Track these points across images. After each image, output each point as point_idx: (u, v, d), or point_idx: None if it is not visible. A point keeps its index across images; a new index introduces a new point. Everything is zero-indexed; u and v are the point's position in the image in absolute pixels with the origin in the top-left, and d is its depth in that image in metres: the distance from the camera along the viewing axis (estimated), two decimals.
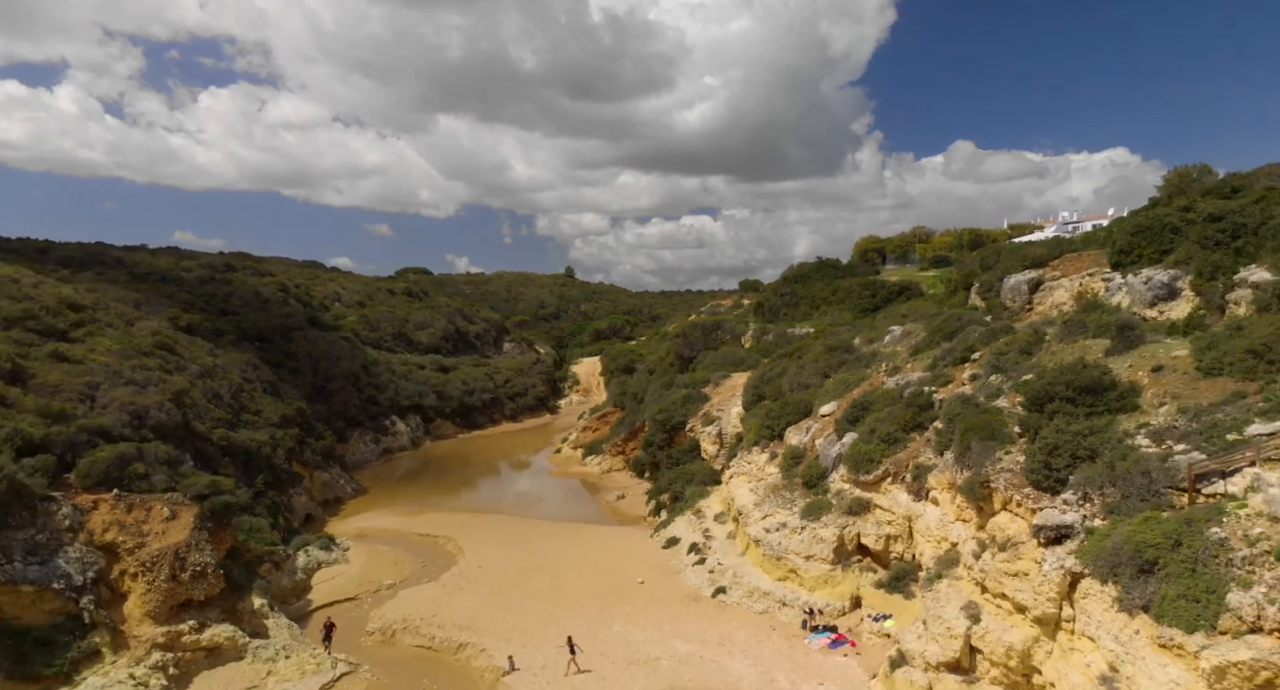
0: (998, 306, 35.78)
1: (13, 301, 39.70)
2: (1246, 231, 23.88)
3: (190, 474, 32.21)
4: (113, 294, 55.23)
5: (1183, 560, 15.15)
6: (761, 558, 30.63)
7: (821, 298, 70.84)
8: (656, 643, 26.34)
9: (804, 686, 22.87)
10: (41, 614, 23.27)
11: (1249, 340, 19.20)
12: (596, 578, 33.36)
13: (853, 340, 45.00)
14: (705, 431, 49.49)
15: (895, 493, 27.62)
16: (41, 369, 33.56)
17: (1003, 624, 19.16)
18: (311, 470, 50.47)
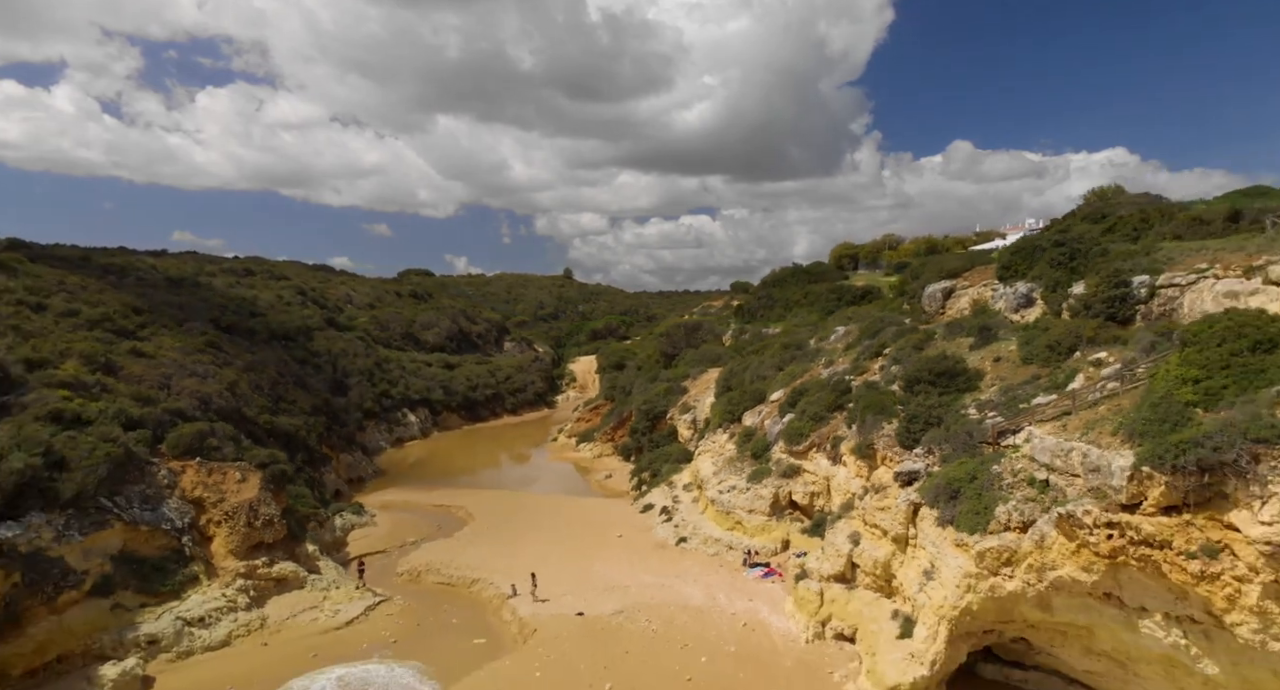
0: (919, 310, 42.86)
1: (90, 306, 46.74)
2: (1080, 254, 30.91)
3: (250, 448, 39.31)
4: (158, 298, 62.21)
5: (974, 488, 22.14)
6: (715, 513, 37.82)
7: (794, 301, 77.79)
8: (628, 576, 33.48)
9: (738, 601, 30.02)
10: (154, 548, 30.34)
11: (1049, 338, 26.33)
12: (583, 534, 40.48)
13: (808, 339, 52.11)
14: (682, 419, 56.58)
15: (818, 459, 34.74)
16: (126, 362, 40.63)
17: (874, 545, 26.22)
18: (338, 453, 57.56)
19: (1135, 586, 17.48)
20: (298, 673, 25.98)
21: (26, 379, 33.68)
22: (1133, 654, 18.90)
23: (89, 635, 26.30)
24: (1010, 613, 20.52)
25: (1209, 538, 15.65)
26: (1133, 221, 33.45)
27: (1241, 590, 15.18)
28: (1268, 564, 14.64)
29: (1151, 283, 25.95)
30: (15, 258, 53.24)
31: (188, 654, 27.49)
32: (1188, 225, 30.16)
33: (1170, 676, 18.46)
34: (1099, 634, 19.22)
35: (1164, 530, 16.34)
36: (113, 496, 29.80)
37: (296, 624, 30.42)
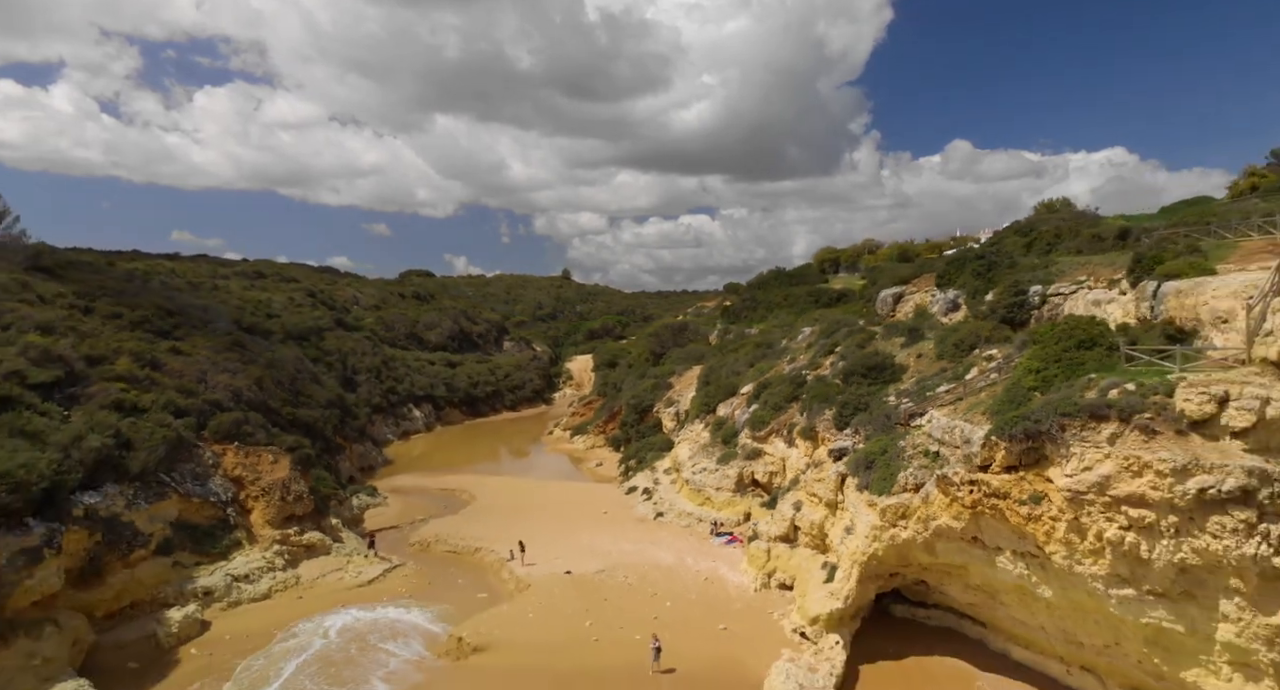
0: (873, 313, 47.92)
1: (131, 309, 51.77)
2: (995, 266, 35.94)
3: (279, 435, 44.47)
4: (183, 301, 67.19)
5: (884, 459, 27.22)
6: (689, 492, 42.95)
7: (775, 302, 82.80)
8: (609, 544, 38.59)
9: (702, 562, 35.16)
10: (204, 517, 35.44)
11: (956, 337, 31.43)
12: (573, 512, 45.57)
13: (781, 339, 57.22)
14: (667, 412, 61.70)
15: (777, 443, 39.85)
16: (167, 360, 45.64)
17: (812, 510, 31.32)
18: (350, 444, 62.64)
19: (990, 530, 22.57)
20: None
21: (88, 373, 38.67)
22: (995, 586, 24.00)
23: (155, 586, 31.40)
24: (906, 557, 25.62)
25: (1035, 489, 20.75)
26: (1047, 237, 38.52)
27: (1054, 527, 20.28)
28: (1069, 506, 19.74)
29: (1044, 292, 30.99)
30: (57, 263, 58.05)
31: (236, 604, 32.57)
32: (1088, 241, 35.13)
33: (1023, 602, 23.56)
34: (971, 571, 24.32)
35: (1006, 484, 21.45)
36: (169, 473, 34.94)
37: (325, 583, 35.51)
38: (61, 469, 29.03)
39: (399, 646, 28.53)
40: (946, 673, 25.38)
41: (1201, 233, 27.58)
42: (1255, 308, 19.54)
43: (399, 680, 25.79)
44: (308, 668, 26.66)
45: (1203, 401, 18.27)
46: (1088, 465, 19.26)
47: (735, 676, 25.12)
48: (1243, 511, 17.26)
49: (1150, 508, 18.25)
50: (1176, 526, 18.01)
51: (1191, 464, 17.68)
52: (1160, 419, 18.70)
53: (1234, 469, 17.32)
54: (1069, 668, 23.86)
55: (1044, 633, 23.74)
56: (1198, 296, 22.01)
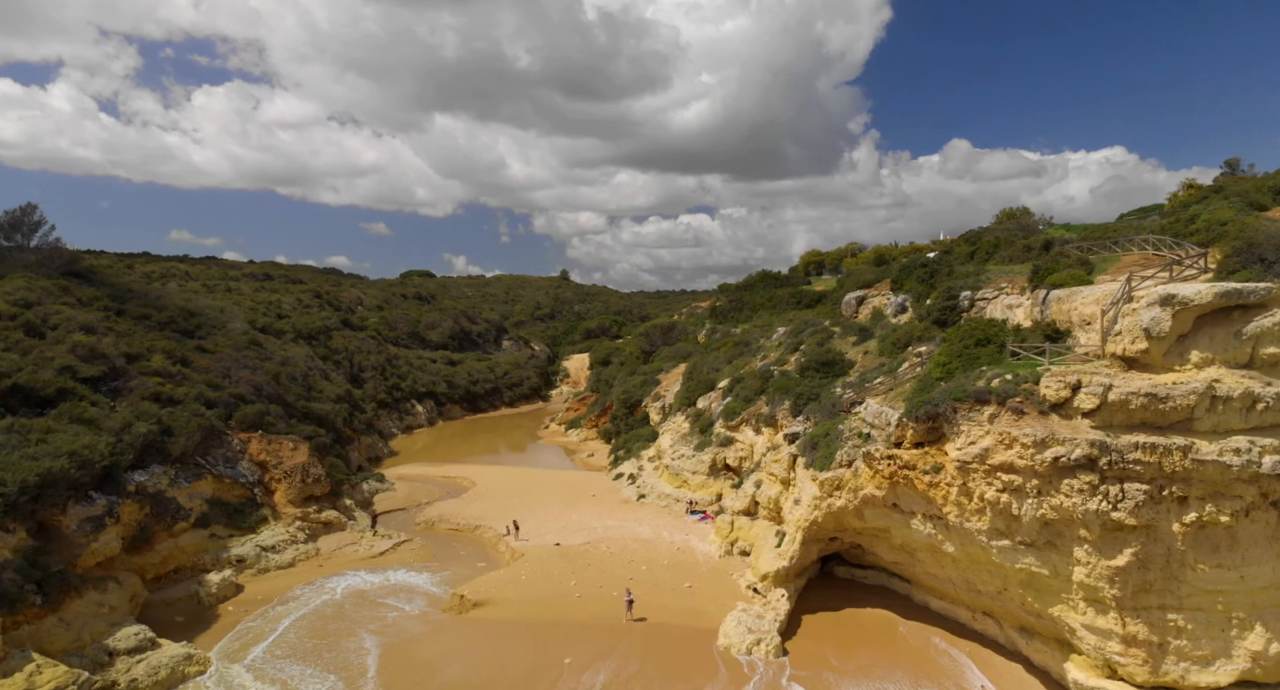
0: (839, 314, 52.35)
1: (158, 311, 56.23)
2: (936, 273, 40.34)
3: (297, 425, 48.93)
4: (202, 302, 71.64)
5: (827, 441, 31.62)
6: (669, 476, 47.41)
7: (760, 303, 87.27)
8: (595, 521, 43.06)
9: (676, 535, 39.62)
10: (235, 496, 39.88)
11: (895, 337, 35.87)
12: (564, 495, 50.01)
13: (759, 338, 61.63)
14: (654, 406, 66.15)
15: (746, 431, 44.28)
16: (194, 357, 50.10)
17: (770, 487, 35.76)
18: (359, 435, 67.02)
19: (905, 496, 27.01)
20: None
21: (128, 369, 43.11)
22: (913, 545, 28.44)
23: (196, 554, 35.85)
24: (841, 522, 30.06)
25: (935, 460, 25.20)
26: (987, 247, 42.84)
27: (949, 492, 24.73)
28: (959, 474, 24.18)
29: (972, 297, 35.37)
30: (87, 267, 62.48)
31: (265, 570, 37.01)
32: (1019, 252, 39.47)
33: (934, 558, 28.01)
34: (893, 533, 28.76)
35: (914, 458, 25.91)
36: (204, 456, 39.41)
37: (342, 554, 39.96)
38: (116, 450, 33.50)
39: (407, 604, 33.00)
40: (875, 621, 29.87)
41: (1100, 246, 31.89)
42: (1109, 313, 23.98)
43: (406, 630, 30.23)
44: (334, 613, 31.17)
45: (1060, 388, 22.71)
46: (972, 440, 23.73)
47: (697, 624, 29.57)
48: (1088, 475, 21.69)
49: (1018, 473, 22.70)
50: (1038, 488, 22.45)
51: (1049, 438, 22.13)
52: (1028, 402, 23.15)
53: (1081, 441, 21.76)
54: (974, 614, 28.36)
55: (952, 584, 28.22)
56: (1071, 303, 26.44)
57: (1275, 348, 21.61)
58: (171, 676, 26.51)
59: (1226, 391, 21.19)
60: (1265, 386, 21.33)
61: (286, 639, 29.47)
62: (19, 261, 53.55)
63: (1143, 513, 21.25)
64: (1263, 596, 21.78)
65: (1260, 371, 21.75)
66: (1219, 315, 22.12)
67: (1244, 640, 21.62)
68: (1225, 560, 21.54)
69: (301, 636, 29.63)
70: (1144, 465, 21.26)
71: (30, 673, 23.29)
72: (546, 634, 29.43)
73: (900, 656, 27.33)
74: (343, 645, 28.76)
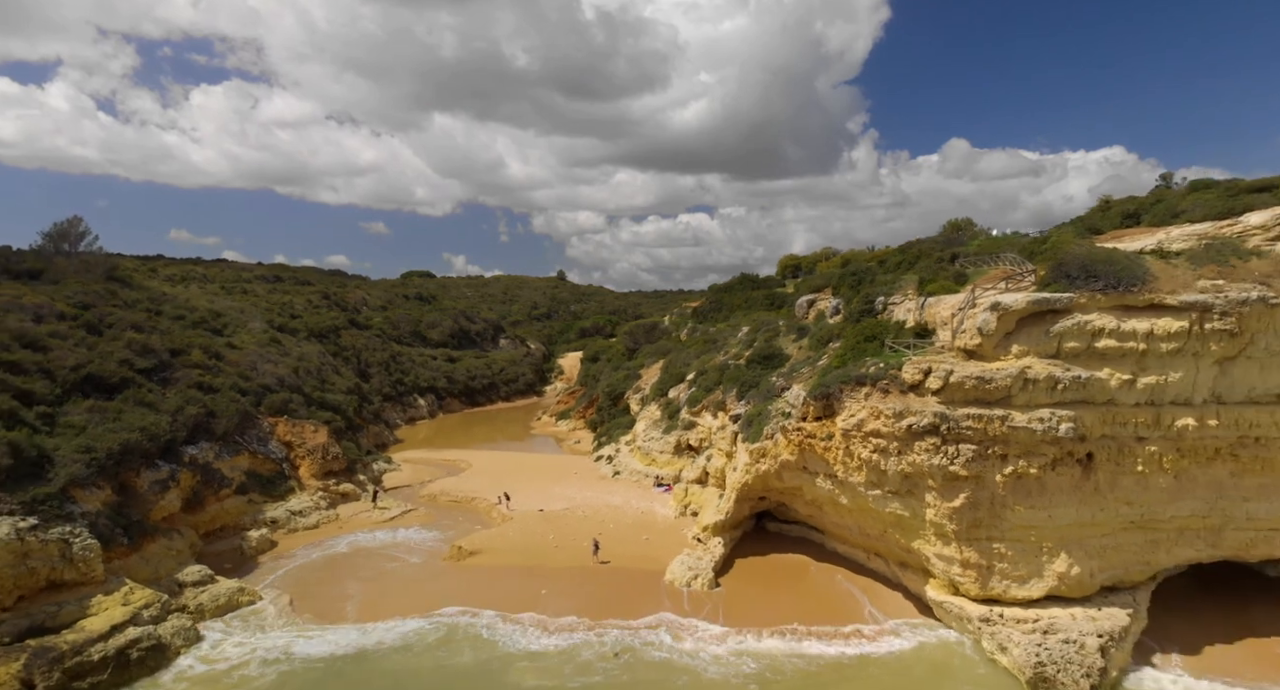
0: (792, 315, 59.32)
1: (190, 312, 63.20)
2: (863, 281, 47.33)
3: (316, 412, 55.96)
4: (225, 303, 78.65)
5: (760, 419, 38.54)
6: (641, 455, 54.47)
7: (736, 305, 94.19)
8: (575, 493, 50.10)
9: (642, 503, 46.69)
10: (267, 470, 46.88)
11: (820, 334, 42.88)
12: (550, 474, 57.04)
13: (727, 337, 68.53)
14: (634, 398, 73.14)
15: (706, 416, 51.29)
16: (225, 352, 57.07)
17: (718, 460, 42.75)
18: (367, 424, 74.01)
19: (811, 460, 34.00)
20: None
21: (173, 362, 50.04)
22: (820, 499, 35.43)
23: (237, 516, 42.85)
24: (767, 484, 37.05)
25: (829, 430, 32.20)
26: (910, 257, 49.74)
27: (838, 454, 31.71)
28: (844, 439, 31.18)
29: (885, 301, 42.32)
30: (124, 273, 69.32)
31: (294, 530, 44.01)
32: (934, 263, 46.31)
33: (835, 509, 35.01)
34: (805, 490, 35.75)
35: (815, 429, 32.90)
36: (241, 436, 46.41)
37: (357, 519, 46.95)
38: (173, 428, 40.54)
39: (413, 555, 40.01)
40: (794, 563, 36.93)
41: (982, 260, 38.77)
42: (957, 316, 30.97)
43: (414, 570, 37.23)
44: (355, 557, 38.21)
45: (914, 373, 29.71)
46: (853, 413, 30.75)
47: (650, 566, 36.60)
48: (933, 438, 28.67)
49: (884, 438, 29.69)
50: (899, 449, 29.44)
51: (905, 410, 29.13)
52: (892, 384, 30.17)
53: (928, 413, 28.76)
54: (868, 555, 35.40)
55: (850, 531, 35.27)
56: (937, 308, 33.45)
57: (1074, 342, 28.57)
58: (229, 603, 33.54)
59: (1035, 375, 28.20)
60: (1064, 372, 28.33)
61: (318, 577, 36.51)
62: (67, 268, 60.42)
63: (973, 466, 28.22)
64: (1067, 531, 28.76)
65: (1063, 360, 28.72)
66: (1035, 318, 29.09)
67: (1052, 564, 28.60)
68: (1036, 503, 28.52)
69: (328, 577, 36.66)
70: (974, 430, 28.25)
71: (125, 593, 30.34)
72: (528, 574, 36.44)
73: (808, 589, 34.40)
74: (364, 582, 35.81)
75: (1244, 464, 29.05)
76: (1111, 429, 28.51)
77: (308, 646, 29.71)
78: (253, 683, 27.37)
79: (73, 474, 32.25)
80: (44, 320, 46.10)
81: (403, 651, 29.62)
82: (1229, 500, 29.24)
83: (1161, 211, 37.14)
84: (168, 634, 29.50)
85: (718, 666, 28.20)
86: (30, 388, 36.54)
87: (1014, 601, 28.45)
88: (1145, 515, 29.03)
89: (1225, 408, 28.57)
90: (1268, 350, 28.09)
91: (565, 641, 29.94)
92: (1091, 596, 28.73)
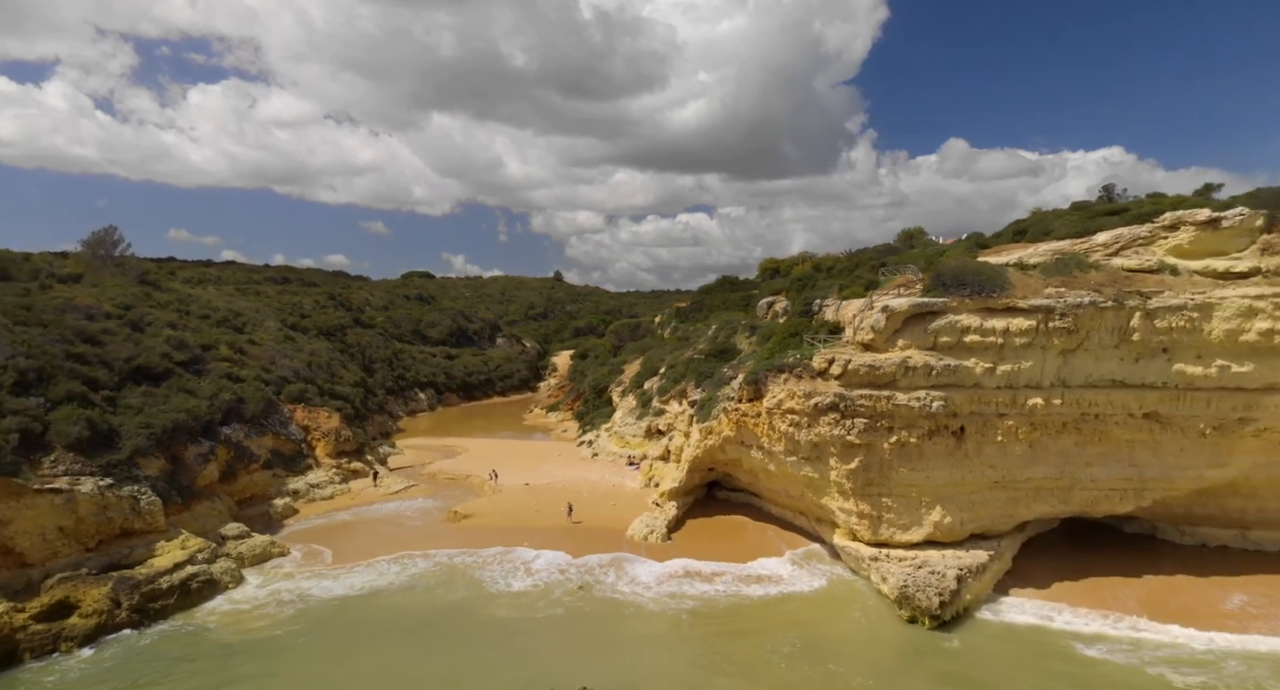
0: (754, 315, 66.33)
1: (214, 311, 70.22)
2: (806, 286, 54.37)
3: (328, 401, 63.03)
4: (242, 304, 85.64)
5: (710, 403, 45.56)
6: (617, 439, 61.56)
7: (716, 305, 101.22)
8: (558, 471, 57.20)
9: (615, 478, 53.80)
10: (288, 449, 53.91)
11: (765, 331, 49.90)
12: (537, 457, 64.10)
13: (699, 335, 75.55)
14: (616, 390, 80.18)
15: (673, 403, 58.31)
16: (247, 348, 64.10)
17: (678, 439, 49.76)
18: (372, 414, 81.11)
19: (746, 435, 41.00)
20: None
21: (204, 356, 57.05)
22: (754, 468, 42.44)
23: (264, 487, 49.86)
24: (713, 456, 44.06)
25: (758, 409, 39.23)
26: (847, 264, 56.67)
27: (764, 428, 38.74)
28: (768, 416, 38.21)
29: (820, 304, 49.32)
30: (154, 277, 76.26)
31: (312, 500, 51.05)
32: (867, 270, 53.26)
33: (767, 475, 42.00)
34: (743, 461, 42.77)
35: (748, 409, 39.94)
36: (266, 419, 53.43)
37: (367, 493, 54.00)
38: (210, 411, 47.56)
39: (417, 519, 47.05)
40: (735, 523, 44.01)
41: (895, 270, 45.69)
42: (858, 316, 37.99)
43: (418, 529, 44.26)
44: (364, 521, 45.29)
45: (821, 362, 36.73)
46: (774, 395, 37.79)
47: (615, 526, 43.63)
48: (834, 414, 35.64)
49: (797, 414, 36.70)
50: (809, 422, 36.44)
51: (813, 392, 36.14)
52: (805, 371, 37.19)
53: (830, 393, 35.76)
54: (794, 513, 42.47)
55: (779, 493, 42.33)
56: (846, 310, 40.49)
57: (947, 337, 35.53)
58: (264, 553, 40.58)
59: (914, 363, 35.21)
60: (938, 361, 35.32)
61: (335, 536, 43.57)
62: (105, 272, 67.37)
63: (865, 436, 35.19)
64: (941, 489, 35.73)
65: (938, 352, 35.69)
66: (916, 317, 36.07)
67: (929, 515, 35.59)
68: (916, 466, 35.51)
69: (344, 535, 43.73)
70: (866, 407, 35.24)
71: (183, 540, 37.37)
72: (513, 532, 43.46)
73: (745, 541, 41.47)
74: (375, 538, 42.90)
75: (1085, 436, 36.05)
76: (977, 407, 35.51)
77: (326, 587, 36.55)
78: (283, 610, 34.09)
79: (137, 445, 39.31)
80: (94, 319, 53.04)
81: (406, 590, 36.53)
82: (1074, 465, 36.25)
83: (1037, 230, 44.06)
84: (218, 572, 36.56)
85: (660, 602, 35.08)
86: (95, 375, 43.50)
87: (899, 545, 35.47)
88: (1006, 477, 36.04)
89: (1068, 390, 35.56)
90: (1100, 344, 35.08)
91: (541, 581, 36.96)
92: (962, 542, 35.73)
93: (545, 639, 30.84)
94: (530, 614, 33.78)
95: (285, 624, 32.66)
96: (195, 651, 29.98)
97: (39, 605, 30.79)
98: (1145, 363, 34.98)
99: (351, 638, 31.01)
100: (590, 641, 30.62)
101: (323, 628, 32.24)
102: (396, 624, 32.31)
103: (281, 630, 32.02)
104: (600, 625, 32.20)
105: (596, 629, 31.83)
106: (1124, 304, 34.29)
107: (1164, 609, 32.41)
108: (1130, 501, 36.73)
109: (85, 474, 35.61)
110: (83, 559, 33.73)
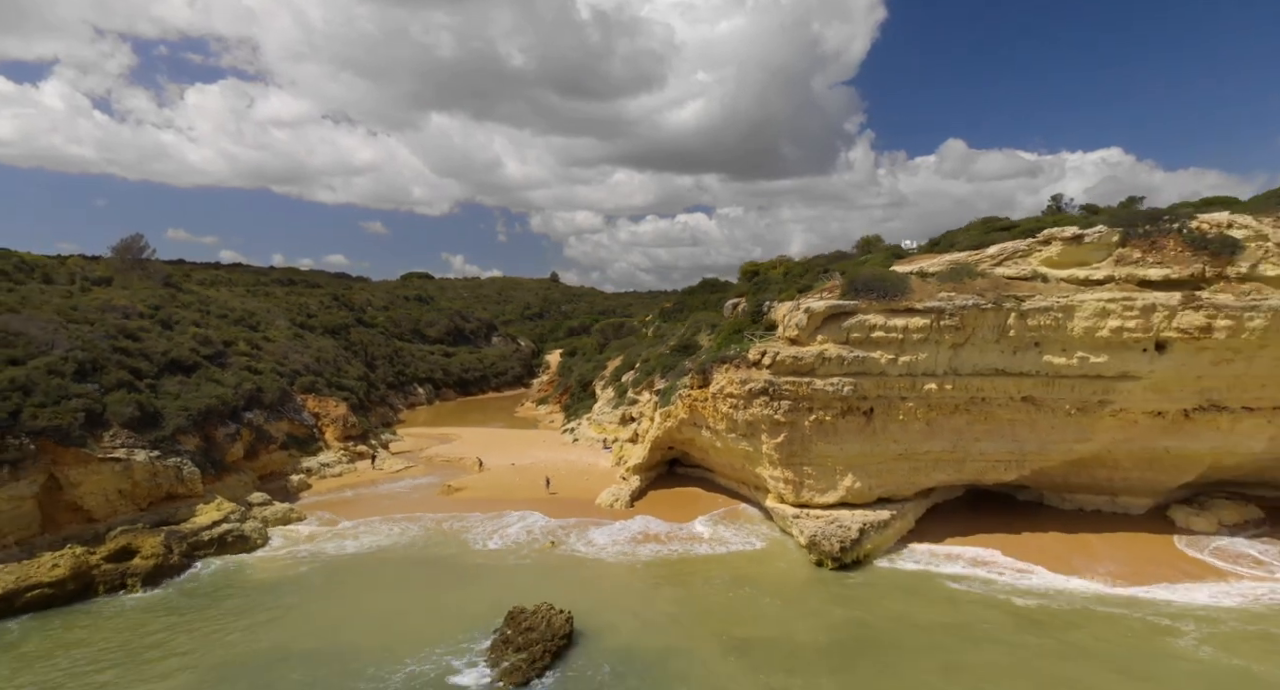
0: (720, 315, 73.33)
1: (231, 311, 77.24)
2: (760, 288, 61.50)
3: (336, 392, 70.10)
4: (254, 305, 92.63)
5: (671, 390, 52.52)
6: (595, 426, 68.66)
7: (696, 306, 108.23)
8: (541, 454, 64.29)
9: (590, 458, 60.87)
10: (301, 433, 60.92)
11: (723, 328, 56.96)
12: (524, 443, 71.16)
13: (672, 333, 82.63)
14: (599, 384, 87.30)
15: (645, 393, 65.38)
16: (262, 344, 71.11)
17: (645, 424, 56.80)
18: (374, 406, 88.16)
19: (698, 417, 48.01)
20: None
21: (225, 351, 64.05)
22: (705, 446, 49.43)
23: (281, 465, 56.88)
24: (672, 436, 51.07)
25: (705, 394, 46.26)
26: (800, 269, 63.80)
27: (710, 410, 45.77)
28: (713, 400, 45.25)
29: (770, 305, 56.29)
30: (175, 279, 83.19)
31: (324, 478, 58.08)
32: (816, 275, 60.28)
33: (716, 451, 49.01)
34: (696, 440, 49.78)
35: (698, 394, 46.97)
36: (282, 406, 60.47)
37: (372, 473, 61.03)
38: (235, 398, 54.60)
39: (416, 494, 54.10)
40: (690, 494, 51.09)
41: (828, 277, 52.69)
42: (787, 316, 45.00)
43: (416, 501, 51.30)
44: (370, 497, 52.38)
45: (756, 354, 43.75)
46: (718, 382, 44.84)
47: (587, 495, 50.69)
48: (764, 397, 42.65)
49: (735, 398, 43.71)
50: (744, 404, 43.44)
51: (747, 378, 43.16)
52: (742, 361, 44.22)
53: (761, 380, 42.77)
54: (739, 484, 49.54)
55: (726, 467, 49.37)
56: (780, 310, 47.59)
57: (857, 333, 42.51)
58: (285, 518, 47.56)
59: (830, 355, 42.22)
60: (850, 353, 42.33)
61: (346, 506, 50.64)
62: (133, 275, 74.36)
63: (789, 415, 42.20)
64: (854, 459, 42.71)
65: (850, 345, 42.67)
66: (833, 317, 43.04)
67: (843, 481, 42.60)
68: (832, 440, 42.50)
69: (353, 505, 50.79)
70: (790, 391, 42.25)
71: (218, 503, 44.38)
72: (498, 502, 50.50)
73: (696, 508, 48.52)
74: (378, 508, 49.96)
75: (974, 416, 43.07)
76: (883, 391, 42.53)
77: (338, 545, 43.41)
78: (305, 563, 40.90)
79: (178, 424, 46.35)
80: (130, 317, 60.07)
81: (404, 547, 43.39)
82: (965, 440, 43.27)
83: (945, 242, 51.13)
84: (249, 530, 43.55)
85: (618, 556, 41.86)
86: (138, 366, 50.50)
87: (817, 506, 42.51)
88: (908, 450, 43.05)
89: (958, 378, 42.57)
90: (984, 339, 42.07)
91: (518, 539, 43.95)
92: (871, 504, 42.75)
93: (517, 579, 37.80)
94: (506, 563, 40.71)
95: (307, 573, 39.61)
96: (239, 590, 36.94)
97: (107, 550, 37.79)
98: (1021, 354, 41.99)
99: (361, 581, 37.96)
100: (554, 579, 37.56)
101: (338, 574, 39.18)
102: (396, 572, 39.27)
103: (305, 575, 39.00)
104: (565, 570, 39.21)
105: (561, 572, 38.83)
106: (1002, 306, 41.31)
107: (1030, 557, 39.42)
108: (1013, 471, 43.77)
109: (138, 447, 42.62)
110: (138, 516, 40.72)
